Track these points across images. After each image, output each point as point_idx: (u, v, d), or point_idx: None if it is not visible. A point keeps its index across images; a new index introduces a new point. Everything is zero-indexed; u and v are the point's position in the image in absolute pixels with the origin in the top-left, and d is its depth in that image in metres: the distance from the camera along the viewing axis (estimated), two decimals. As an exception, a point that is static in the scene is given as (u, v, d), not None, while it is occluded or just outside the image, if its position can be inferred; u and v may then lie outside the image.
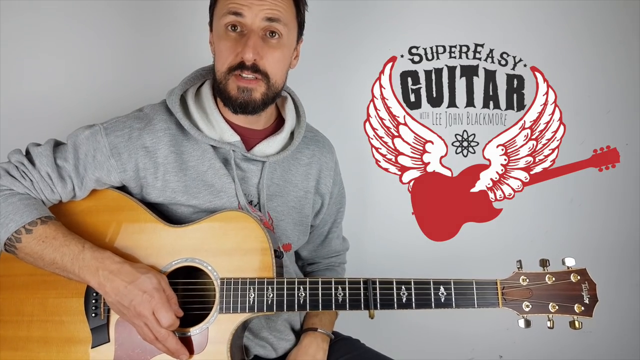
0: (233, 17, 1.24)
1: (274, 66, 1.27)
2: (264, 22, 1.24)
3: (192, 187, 1.31)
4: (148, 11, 1.77)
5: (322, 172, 1.50)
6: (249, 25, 1.24)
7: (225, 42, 1.26)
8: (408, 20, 1.88)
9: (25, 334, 1.25)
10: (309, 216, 1.49)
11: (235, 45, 1.25)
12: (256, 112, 1.31)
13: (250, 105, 1.28)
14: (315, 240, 1.60)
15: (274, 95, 1.32)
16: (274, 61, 1.27)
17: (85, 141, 1.28)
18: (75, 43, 1.74)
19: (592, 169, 1.97)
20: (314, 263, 1.64)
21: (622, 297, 2.03)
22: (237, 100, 1.27)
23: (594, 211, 2.00)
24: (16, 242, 1.19)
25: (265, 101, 1.30)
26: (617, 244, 2.01)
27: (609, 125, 1.97)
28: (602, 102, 1.96)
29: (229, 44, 1.26)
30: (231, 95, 1.27)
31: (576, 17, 1.92)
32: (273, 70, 1.27)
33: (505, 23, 1.90)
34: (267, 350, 1.40)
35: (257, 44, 1.24)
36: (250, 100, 1.27)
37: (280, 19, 1.26)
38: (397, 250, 1.95)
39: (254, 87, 1.26)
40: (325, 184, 1.51)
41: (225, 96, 1.29)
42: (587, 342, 2.05)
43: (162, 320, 1.14)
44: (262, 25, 1.25)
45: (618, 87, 1.95)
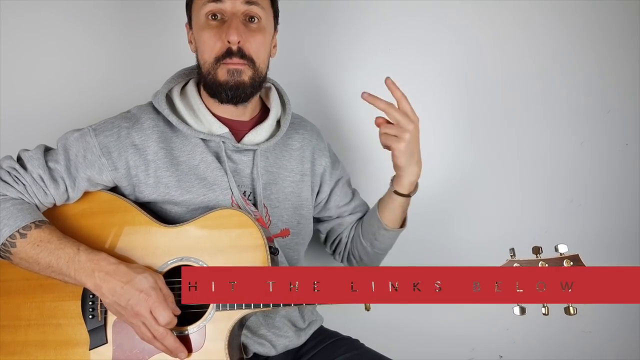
0: (213, 5, 1.29)
1: (257, 49, 1.31)
2: (243, 5, 1.29)
3: (185, 182, 1.32)
4: (139, 14, 1.78)
5: (315, 152, 1.52)
6: (229, 10, 1.29)
7: (208, 31, 1.30)
8: (408, 20, 1.89)
9: (23, 338, 1.25)
10: (309, 199, 1.50)
11: (219, 32, 1.29)
12: (245, 99, 1.34)
13: (240, 88, 1.30)
14: (345, 198, 1.59)
15: (260, 81, 1.35)
16: (256, 45, 1.31)
17: (75, 142, 1.29)
18: (67, 45, 1.75)
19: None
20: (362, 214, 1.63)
21: (623, 297, 2.03)
22: (228, 84, 1.29)
23: (594, 211, 1.99)
24: (11, 247, 1.19)
25: (253, 85, 1.32)
26: (617, 243, 2.01)
27: (609, 125, 1.97)
28: (602, 102, 1.96)
29: (212, 33, 1.29)
30: (221, 81, 1.30)
31: (576, 17, 1.92)
32: (257, 54, 1.31)
33: (504, 23, 1.91)
34: (266, 347, 1.40)
35: (240, 27, 1.28)
36: (241, 83, 1.30)
37: (259, 2, 1.31)
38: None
39: (242, 69, 1.29)
40: (320, 163, 1.53)
41: (215, 84, 1.31)
42: (587, 342, 2.05)
43: (160, 319, 1.15)
44: (242, 8, 1.29)
45: (618, 87, 1.95)
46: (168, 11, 1.78)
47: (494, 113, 1.95)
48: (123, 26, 1.78)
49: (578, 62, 1.94)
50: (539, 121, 1.96)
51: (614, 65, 1.95)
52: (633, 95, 1.96)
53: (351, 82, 1.90)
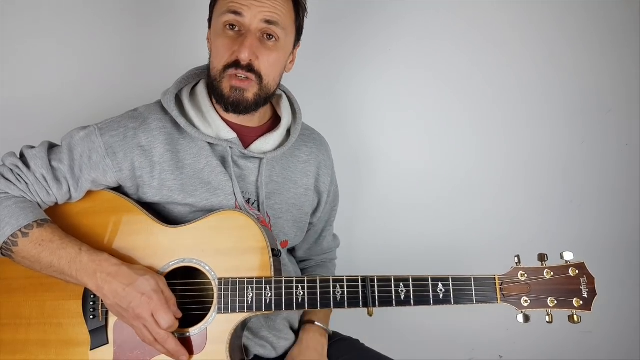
0: (232, 16, 1.25)
1: (268, 68, 1.28)
2: (262, 23, 1.25)
3: (189, 185, 1.31)
4: (145, 13, 1.77)
5: (321, 169, 1.51)
6: (247, 25, 1.25)
7: (223, 39, 1.27)
8: (408, 19, 1.89)
9: (24, 337, 1.25)
10: (308, 214, 1.49)
11: (232, 43, 1.26)
12: (247, 111, 1.32)
13: (242, 105, 1.29)
14: (309, 239, 1.60)
15: (266, 97, 1.32)
16: (269, 63, 1.28)
17: (80, 142, 1.28)
18: (72, 41, 1.75)
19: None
20: (306, 260, 1.65)
21: (623, 297, 2.03)
22: (229, 99, 1.28)
23: (594, 211, 2.00)
24: (13, 245, 1.19)
25: (257, 102, 1.30)
26: (617, 244, 2.01)
27: (609, 125, 1.97)
28: (602, 102, 1.95)
29: (226, 42, 1.27)
30: (224, 93, 1.28)
31: (576, 17, 1.92)
32: (267, 72, 1.28)
33: (505, 23, 1.90)
34: (266, 349, 1.39)
35: (254, 44, 1.25)
36: (242, 100, 1.28)
37: (279, 22, 1.26)
38: (391, 248, 1.95)
39: (246, 87, 1.27)
40: (324, 182, 1.51)
41: (218, 94, 1.30)
42: (587, 342, 2.05)
43: (161, 322, 1.14)
44: (260, 26, 1.25)
45: (618, 86, 1.95)
46: (176, 9, 1.77)
47: (493, 113, 1.95)
48: (130, 23, 1.78)
49: (578, 62, 1.94)
50: (538, 121, 1.96)
51: (614, 65, 1.95)
52: (633, 95, 1.96)
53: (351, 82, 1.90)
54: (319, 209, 1.54)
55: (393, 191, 1.95)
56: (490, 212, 1.97)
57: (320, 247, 1.63)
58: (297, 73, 1.46)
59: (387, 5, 1.87)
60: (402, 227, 1.96)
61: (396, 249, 1.87)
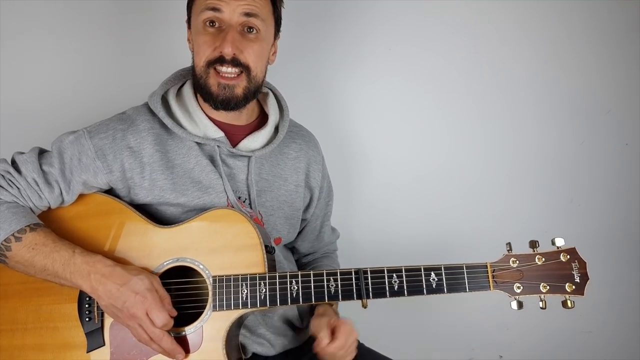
0: (211, 13, 1.27)
1: (254, 59, 1.29)
2: (242, 17, 1.27)
3: (180, 185, 1.31)
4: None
5: (311, 165, 1.51)
6: (227, 20, 1.27)
7: (204, 36, 1.28)
8: (407, 18, 1.90)
9: (20, 342, 1.25)
10: (300, 210, 1.50)
11: (214, 39, 1.27)
12: (238, 107, 1.33)
13: (232, 102, 1.30)
14: (310, 235, 1.61)
15: (255, 90, 1.33)
16: (253, 54, 1.29)
17: (70, 145, 1.29)
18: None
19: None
20: (311, 253, 1.66)
21: (622, 297, 2.04)
22: (219, 97, 1.29)
23: (594, 211, 2.00)
24: (6, 250, 1.19)
25: (246, 96, 1.31)
26: (617, 244, 2.01)
27: (609, 125, 1.97)
28: (602, 102, 1.96)
29: (207, 38, 1.28)
30: (212, 91, 1.29)
31: (576, 17, 1.93)
32: (253, 63, 1.29)
33: (504, 23, 1.91)
34: (265, 347, 1.40)
35: (236, 38, 1.26)
36: (233, 97, 1.29)
37: (258, 14, 1.28)
38: (386, 239, 1.95)
39: (235, 83, 1.28)
40: (315, 177, 1.52)
41: (205, 92, 1.30)
42: (587, 342, 2.05)
43: (156, 321, 1.14)
44: (240, 20, 1.27)
45: (618, 86, 1.96)
46: (164, 11, 1.78)
47: (493, 113, 1.95)
48: (119, 26, 1.78)
49: (578, 62, 1.94)
50: (539, 121, 1.96)
51: (614, 65, 1.95)
52: (633, 95, 1.96)
53: (350, 82, 1.91)
54: (312, 204, 1.54)
55: (385, 184, 1.95)
56: (490, 212, 1.97)
57: (322, 242, 1.64)
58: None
59: (377, 1, 1.88)
60: (397, 219, 1.96)
61: (392, 241, 1.87)
